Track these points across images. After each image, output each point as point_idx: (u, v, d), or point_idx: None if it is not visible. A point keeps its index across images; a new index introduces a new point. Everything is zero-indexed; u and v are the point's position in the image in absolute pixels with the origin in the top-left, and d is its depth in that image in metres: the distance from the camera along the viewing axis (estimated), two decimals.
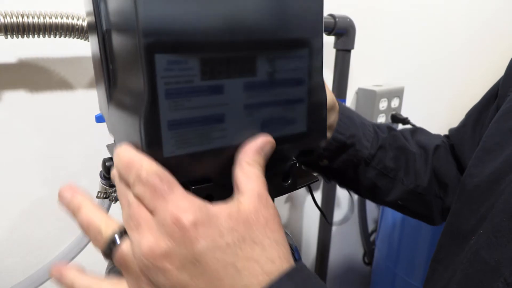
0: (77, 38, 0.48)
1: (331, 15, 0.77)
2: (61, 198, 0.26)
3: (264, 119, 0.27)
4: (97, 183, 0.45)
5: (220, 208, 0.23)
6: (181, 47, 0.23)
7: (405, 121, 0.99)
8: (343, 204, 1.15)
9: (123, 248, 0.23)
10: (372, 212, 1.25)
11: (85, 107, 0.57)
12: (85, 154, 0.61)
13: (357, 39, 0.81)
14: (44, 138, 0.56)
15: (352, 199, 1.14)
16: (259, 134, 0.26)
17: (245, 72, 0.25)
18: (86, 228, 0.25)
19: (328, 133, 0.43)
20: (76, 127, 0.59)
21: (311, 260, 1.10)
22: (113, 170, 0.26)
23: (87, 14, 0.34)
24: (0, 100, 0.52)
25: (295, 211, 1.01)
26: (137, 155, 0.23)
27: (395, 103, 1.00)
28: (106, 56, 0.29)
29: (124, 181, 0.24)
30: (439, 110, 1.29)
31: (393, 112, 1.00)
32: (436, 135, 0.53)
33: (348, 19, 0.78)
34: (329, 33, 0.78)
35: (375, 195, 0.49)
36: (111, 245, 0.24)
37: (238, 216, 0.23)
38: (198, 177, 0.26)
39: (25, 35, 0.44)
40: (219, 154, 0.26)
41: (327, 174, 0.49)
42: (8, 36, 0.44)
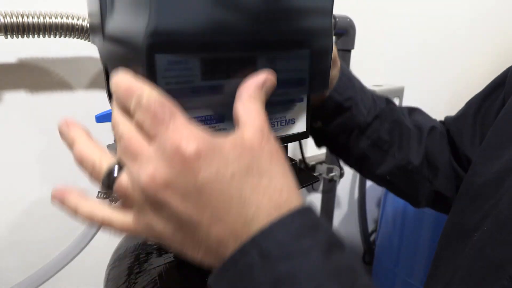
0: (77, 38, 0.48)
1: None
2: (60, 134, 0.25)
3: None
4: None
5: (224, 138, 0.22)
6: (181, 48, 0.23)
7: None
8: (343, 204, 1.15)
9: (122, 180, 0.22)
10: (372, 212, 1.24)
11: (85, 107, 0.57)
12: None
13: (357, 39, 0.81)
14: (44, 138, 0.56)
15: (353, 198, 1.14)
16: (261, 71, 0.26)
17: (245, 72, 0.25)
18: (80, 162, 0.24)
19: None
20: None
21: None
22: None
23: (89, 15, 0.33)
24: (0, 100, 0.52)
25: None
26: (137, 81, 0.22)
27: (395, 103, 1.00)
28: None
29: (122, 108, 0.23)
30: (439, 110, 1.28)
31: None
32: (433, 118, 0.51)
33: (348, 19, 0.78)
34: None
35: (365, 167, 0.47)
36: (108, 178, 0.22)
37: (242, 145, 0.22)
38: None
39: (25, 35, 0.44)
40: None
41: (319, 138, 0.47)
42: (8, 36, 0.44)
